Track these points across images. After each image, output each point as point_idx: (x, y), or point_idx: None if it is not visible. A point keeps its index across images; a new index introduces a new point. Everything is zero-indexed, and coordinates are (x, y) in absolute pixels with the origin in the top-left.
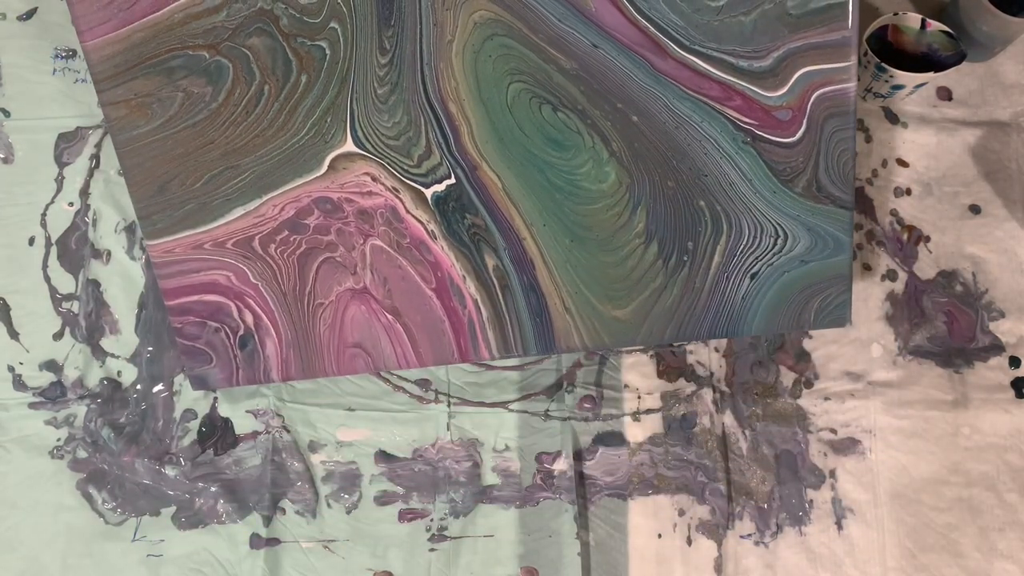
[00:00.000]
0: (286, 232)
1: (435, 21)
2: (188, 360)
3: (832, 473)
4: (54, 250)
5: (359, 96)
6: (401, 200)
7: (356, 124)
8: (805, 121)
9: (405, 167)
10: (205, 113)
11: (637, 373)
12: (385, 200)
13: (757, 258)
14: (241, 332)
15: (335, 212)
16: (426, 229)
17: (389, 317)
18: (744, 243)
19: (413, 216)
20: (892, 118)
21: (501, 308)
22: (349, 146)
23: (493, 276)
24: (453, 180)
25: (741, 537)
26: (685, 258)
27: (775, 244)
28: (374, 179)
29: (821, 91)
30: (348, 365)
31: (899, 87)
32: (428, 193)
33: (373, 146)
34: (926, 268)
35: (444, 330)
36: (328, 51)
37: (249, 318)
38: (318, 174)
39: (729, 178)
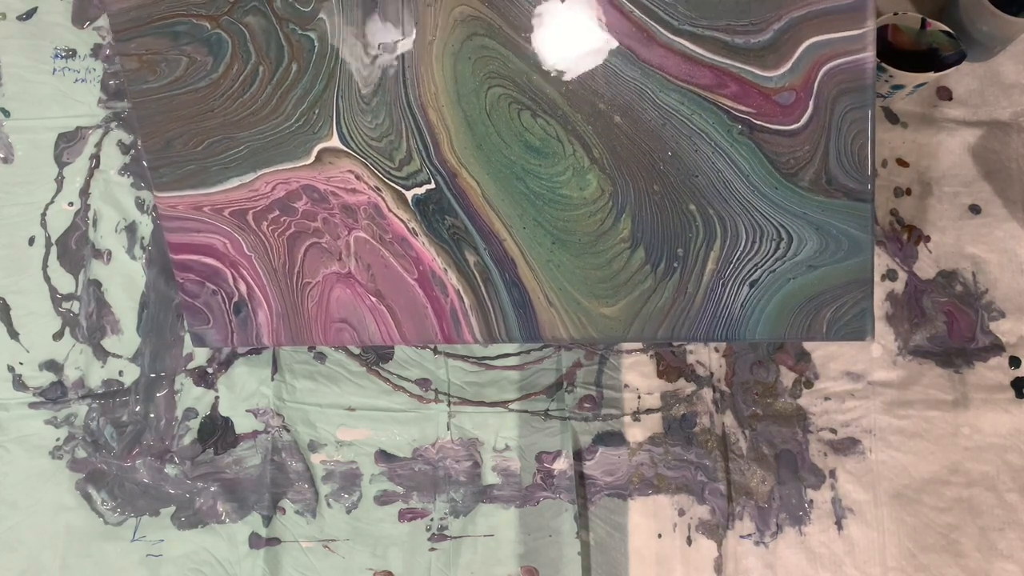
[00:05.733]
0: (277, 212)
1: (416, 19)
2: (188, 316)
3: (832, 473)
4: (54, 250)
5: (344, 94)
6: (383, 199)
7: (341, 121)
8: (811, 103)
9: (387, 169)
10: (207, 81)
11: (637, 373)
12: (368, 198)
13: (757, 264)
14: (236, 299)
15: (322, 202)
16: (407, 227)
17: (373, 299)
18: (741, 248)
19: (395, 215)
20: (892, 118)
21: (484, 298)
22: (335, 142)
23: (475, 270)
24: (433, 185)
25: (741, 537)
26: (675, 264)
27: (777, 248)
28: (357, 177)
29: (830, 65)
30: (335, 338)
31: (899, 87)
32: (409, 195)
33: (357, 145)
34: (926, 268)
35: (427, 315)
36: (316, 43)
37: (243, 287)
38: (306, 162)
39: (723, 176)
